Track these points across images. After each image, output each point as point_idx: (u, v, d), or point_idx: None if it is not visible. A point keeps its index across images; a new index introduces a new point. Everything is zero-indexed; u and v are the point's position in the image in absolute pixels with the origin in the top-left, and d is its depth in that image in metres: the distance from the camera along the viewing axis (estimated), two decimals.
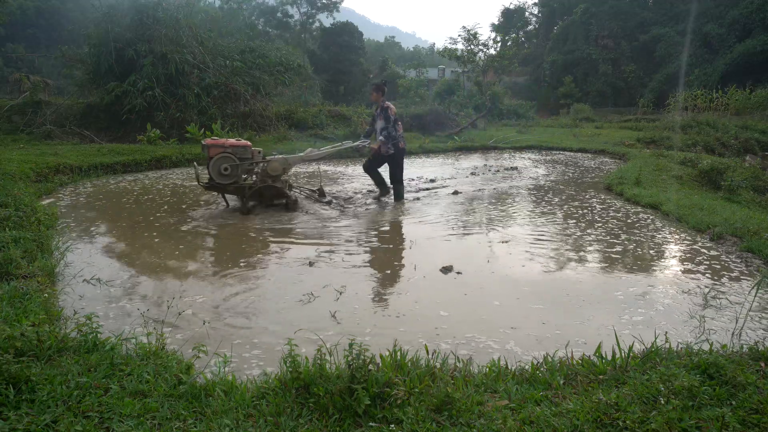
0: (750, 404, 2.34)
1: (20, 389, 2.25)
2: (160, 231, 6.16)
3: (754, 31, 34.21)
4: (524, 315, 3.93)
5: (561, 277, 4.82)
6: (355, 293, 4.28)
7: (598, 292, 4.42)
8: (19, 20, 36.15)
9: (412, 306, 4.04)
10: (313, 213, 7.22)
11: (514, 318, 3.87)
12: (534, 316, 3.88)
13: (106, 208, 7.40)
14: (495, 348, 3.35)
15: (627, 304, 4.13)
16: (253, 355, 3.21)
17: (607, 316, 3.91)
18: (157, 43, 14.49)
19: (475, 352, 3.28)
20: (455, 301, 4.19)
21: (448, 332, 3.57)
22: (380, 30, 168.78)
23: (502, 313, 3.98)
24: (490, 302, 4.18)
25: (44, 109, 14.75)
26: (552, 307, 4.07)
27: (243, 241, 5.88)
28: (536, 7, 55.17)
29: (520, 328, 3.67)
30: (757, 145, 19.12)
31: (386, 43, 79.88)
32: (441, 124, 21.22)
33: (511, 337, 3.52)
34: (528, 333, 3.59)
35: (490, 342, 3.44)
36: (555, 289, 4.47)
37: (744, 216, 6.81)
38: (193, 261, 5.15)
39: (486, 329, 3.63)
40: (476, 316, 3.88)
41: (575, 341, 3.44)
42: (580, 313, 3.95)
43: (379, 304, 4.15)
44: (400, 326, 3.67)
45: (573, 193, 9.35)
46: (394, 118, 7.58)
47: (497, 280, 4.71)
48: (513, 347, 3.38)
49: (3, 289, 3.53)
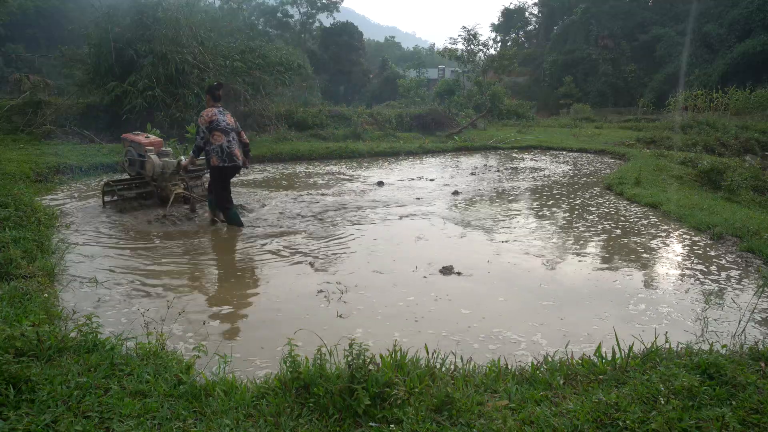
0: (750, 404, 2.34)
1: (20, 389, 2.25)
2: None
3: (754, 31, 34.21)
4: (534, 312, 3.93)
5: (561, 277, 4.82)
6: (358, 295, 4.28)
7: (598, 292, 4.42)
8: (19, 20, 36.13)
9: (431, 307, 4.05)
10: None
11: (531, 315, 3.87)
12: (548, 314, 3.88)
13: (106, 209, 7.40)
14: (522, 340, 3.38)
15: (627, 304, 4.13)
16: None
17: (607, 315, 3.91)
18: (157, 43, 14.48)
19: (503, 344, 3.35)
20: (460, 301, 4.18)
21: (477, 329, 3.58)
22: (380, 30, 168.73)
23: (516, 310, 3.98)
24: (497, 300, 4.18)
25: (44, 109, 14.73)
26: (559, 305, 4.07)
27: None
28: (536, 7, 55.27)
29: (547, 324, 3.74)
30: (757, 145, 19.12)
31: (386, 43, 79.89)
32: (441, 124, 21.23)
33: (538, 330, 3.62)
34: (553, 328, 3.63)
35: (516, 336, 3.54)
36: (555, 289, 4.47)
37: (744, 216, 6.81)
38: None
39: (511, 326, 3.64)
40: (495, 313, 3.89)
41: (593, 338, 3.45)
42: (584, 312, 3.95)
43: (391, 306, 4.14)
44: (424, 328, 3.68)
45: (572, 193, 9.35)
46: (203, 128, 5.94)
47: (498, 280, 4.70)
48: (539, 339, 3.52)
49: (3, 289, 3.53)
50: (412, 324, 3.73)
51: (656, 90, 37.89)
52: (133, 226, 6.35)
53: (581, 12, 45.13)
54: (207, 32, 16.28)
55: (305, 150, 14.22)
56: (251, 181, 10.16)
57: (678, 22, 40.14)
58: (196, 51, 15.36)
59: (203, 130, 5.90)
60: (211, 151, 5.89)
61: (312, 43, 51.17)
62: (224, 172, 6.03)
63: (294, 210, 7.45)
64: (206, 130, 5.89)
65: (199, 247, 5.61)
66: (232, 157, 5.91)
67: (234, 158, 5.93)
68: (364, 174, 11.50)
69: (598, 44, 43.36)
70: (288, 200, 8.19)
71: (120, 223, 6.46)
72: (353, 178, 10.92)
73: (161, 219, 6.49)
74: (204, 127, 5.89)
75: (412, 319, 3.82)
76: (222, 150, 5.86)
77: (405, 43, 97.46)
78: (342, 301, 4.11)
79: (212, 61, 15.73)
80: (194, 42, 15.49)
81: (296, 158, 13.77)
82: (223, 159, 5.88)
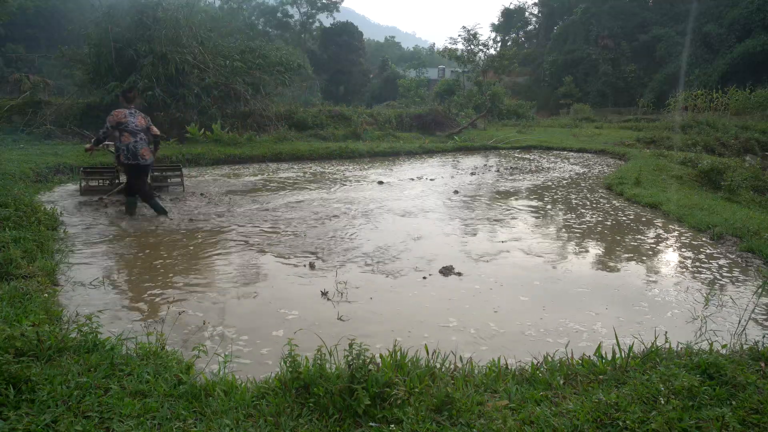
0: (750, 404, 2.34)
1: (20, 389, 2.25)
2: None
3: (754, 31, 34.21)
4: (533, 312, 3.93)
5: (561, 277, 4.82)
6: (358, 295, 4.28)
7: (598, 291, 4.42)
8: (19, 20, 36.13)
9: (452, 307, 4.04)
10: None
11: (531, 315, 3.87)
12: (548, 314, 3.88)
13: (107, 209, 7.40)
14: (522, 340, 3.37)
15: (627, 304, 4.13)
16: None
17: (607, 315, 3.91)
18: (157, 43, 14.48)
19: (503, 345, 3.30)
20: (467, 301, 4.19)
21: (478, 329, 3.58)
22: (380, 30, 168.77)
23: (516, 310, 3.99)
24: (498, 300, 4.19)
25: (44, 109, 14.74)
26: (559, 304, 4.07)
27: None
28: (536, 7, 55.29)
29: (547, 323, 3.69)
30: (757, 145, 19.12)
31: (386, 43, 79.93)
32: (441, 124, 21.22)
33: (539, 330, 3.54)
34: (553, 328, 3.61)
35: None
36: (555, 289, 4.47)
37: (744, 216, 6.81)
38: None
39: (512, 326, 3.64)
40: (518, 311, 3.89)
41: (593, 338, 3.45)
42: (584, 312, 3.95)
43: (391, 306, 4.14)
44: (424, 328, 3.68)
45: (572, 192, 9.35)
46: (108, 125, 6.51)
47: (498, 280, 4.70)
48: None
49: (3, 289, 3.53)
50: (412, 324, 3.73)
51: (656, 90, 37.91)
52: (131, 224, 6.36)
53: (581, 12, 45.13)
54: (207, 32, 16.27)
55: (305, 150, 14.22)
56: (257, 180, 10.16)
57: (678, 22, 40.14)
58: (196, 51, 15.36)
59: (107, 127, 6.58)
60: (120, 150, 6.60)
61: (312, 43, 51.21)
62: (130, 168, 6.70)
63: (292, 210, 7.45)
64: (110, 128, 6.57)
65: (199, 247, 5.62)
66: (137, 156, 6.59)
67: (138, 157, 6.60)
68: (363, 174, 11.50)
69: (598, 44, 43.36)
70: (285, 200, 8.19)
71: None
72: (353, 177, 10.91)
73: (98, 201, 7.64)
74: (109, 125, 6.55)
75: (413, 319, 3.82)
76: (128, 149, 6.54)
77: (405, 43, 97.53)
78: (342, 301, 4.11)
79: (212, 61, 15.74)
80: (194, 42, 15.48)
81: (296, 158, 13.78)
82: (128, 157, 6.58)
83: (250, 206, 7.63)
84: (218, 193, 8.67)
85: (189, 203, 7.84)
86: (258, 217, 6.96)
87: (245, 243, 5.77)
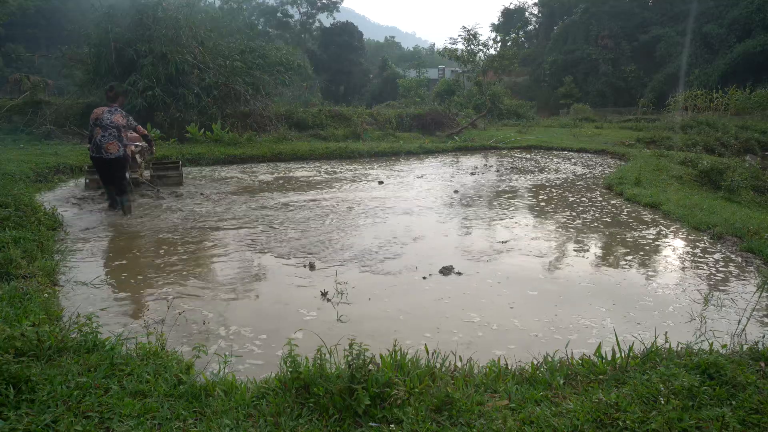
0: (750, 404, 2.34)
1: (20, 389, 2.25)
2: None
3: (754, 31, 34.20)
4: (534, 311, 3.93)
5: (561, 276, 4.82)
6: (358, 295, 4.28)
7: (597, 291, 4.42)
8: (19, 20, 36.11)
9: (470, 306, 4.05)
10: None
11: (531, 314, 3.87)
12: (547, 313, 3.88)
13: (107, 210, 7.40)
14: (521, 340, 3.37)
15: (627, 304, 4.13)
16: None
17: (607, 314, 3.91)
18: (157, 43, 14.48)
19: (504, 345, 3.30)
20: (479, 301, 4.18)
21: (478, 330, 3.58)
22: (380, 30, 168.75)
23: (515, 309, 3.99)
24: (497, 300, 4.19)
25: (44, 109, 14.75)
26: (558, 304, 4.07)
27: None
28: (536, 7, 55.23)
29: (547, 322, 3.69)
30: (757, 145, 19.13)
31: (386, 43, 79.87)
32: (441, 124, 21.22)
33: (538, 329, 3.54)
34: (553, 326, 3.61)
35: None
36: (555, 288, 4.47)
37: (744, 216, 6.81)
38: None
39: (511, 326, 3.64)
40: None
41: (593, 337, 3.45)
42: (583, 311, 3.95)
43: (391, 306, 4.14)
44: (424, 328, 3.68)
45: (572, 192, 9.35)
46: (90, 123, 6.82)
47: (498, 280, 4.70)
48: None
49: (3, 289, 3.53)
50: (412, 324, 3.73)
51: (656, 90, 37.90)
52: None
53: (581, 12, 45.11)
54: (207, 32, 16.28)
55: (305, 150, 14.22)
56: (259, 180, 10.16)
57: (678, 22, 40.12)
58: (196, 51, 15.36)
59: (90, 125, 6.82)
60: (91, 143, 6.81)
61: (312, 43, 51.18)
62: (95, 161, 6.88)
63: (292, 210, 7.45)
64: (92, 125, 6.77)
65: (198, 247, 5.62)
66: (100, 149, 6.68)
67: (101, 150, 6.67)
68: (363, 174, 11.50)
69: (598, 44, 43.35)
70: (286, 200, 8.19)
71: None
72: (353, 177, 10.91)
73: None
74: (91, 122, 6.78)
75: (413, 319, 3.82)
76: (94, 143, 6.70)
77: (405, 43, 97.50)
78: (341, 301, 4.11)
79: (212, 61, 15.74)
80: (194, 42, 15.49)
81: (296, 158, 13.78)
82: (92, 149, 6.76)
83: (250, 206, 7.64)
84: (218, 193, 8.68)
85: (189, 203, 7.85)
86: (258, 217, 6.96)
87: (245, 243, 5.77)
